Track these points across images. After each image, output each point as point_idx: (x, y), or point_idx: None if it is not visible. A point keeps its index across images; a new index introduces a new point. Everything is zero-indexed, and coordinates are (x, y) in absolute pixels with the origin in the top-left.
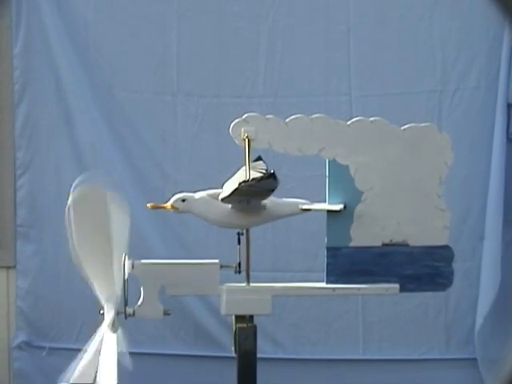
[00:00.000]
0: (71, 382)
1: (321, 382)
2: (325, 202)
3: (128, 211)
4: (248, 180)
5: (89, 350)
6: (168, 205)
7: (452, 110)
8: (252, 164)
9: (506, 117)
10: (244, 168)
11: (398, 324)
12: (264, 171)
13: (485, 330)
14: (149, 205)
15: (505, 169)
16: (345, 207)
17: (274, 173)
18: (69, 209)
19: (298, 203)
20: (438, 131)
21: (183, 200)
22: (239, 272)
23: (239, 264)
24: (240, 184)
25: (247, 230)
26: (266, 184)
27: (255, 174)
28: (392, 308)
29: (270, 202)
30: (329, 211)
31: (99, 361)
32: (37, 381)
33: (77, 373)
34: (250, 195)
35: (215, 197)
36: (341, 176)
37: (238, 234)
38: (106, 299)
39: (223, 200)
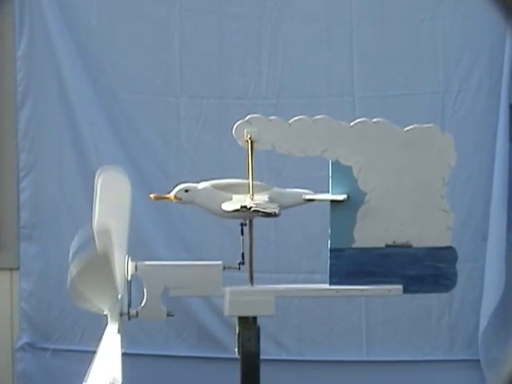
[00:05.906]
0: None
1: (324, 383)
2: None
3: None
4: (249, 208)
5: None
6: (171, 195)
7: (455, 110)
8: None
9: (509, 118)
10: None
11: (402, 325)
12: (268, 212)
13: (489, 332)
14: (152, 195)
15: (508, 169)
16: (348, 197)
17: (276, 215)
18: (96, 188)
19: (301, 193)
20: (441, 132)
21: (186, 190)
22: (243, 264)
23: (242, 255)
24: (241, 207)
25: (250, 221)
26: (266, 215)
27: (259, 201)
28: (395, 309)
29: (273, 192)
30: (332, 209)
31: (105, 363)
32: (40, 382)
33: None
34: (250, 216)
35: (218, 187)
36: (344, 177)
37: (241, 224)
38: (109, 309)
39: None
